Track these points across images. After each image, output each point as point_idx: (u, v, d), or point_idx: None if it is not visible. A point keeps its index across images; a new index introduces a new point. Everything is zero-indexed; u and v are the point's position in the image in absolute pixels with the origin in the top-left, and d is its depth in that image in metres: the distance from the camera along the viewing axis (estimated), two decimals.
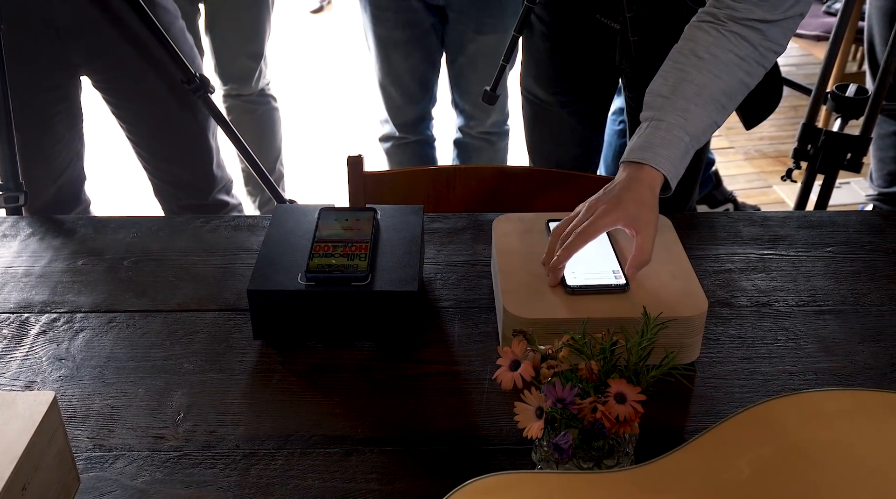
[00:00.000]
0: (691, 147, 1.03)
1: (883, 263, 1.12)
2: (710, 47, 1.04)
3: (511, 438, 0.85)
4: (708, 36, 1.05)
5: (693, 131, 1.02)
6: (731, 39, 1.04)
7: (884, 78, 1.79)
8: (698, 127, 1.03)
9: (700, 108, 1.02)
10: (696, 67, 1.03)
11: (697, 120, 1.02)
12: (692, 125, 1.02)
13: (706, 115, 1.03)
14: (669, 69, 1.06)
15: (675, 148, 1.01)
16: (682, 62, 1.05)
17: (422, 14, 2.03)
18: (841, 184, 2.76)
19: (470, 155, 2.33)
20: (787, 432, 0.75)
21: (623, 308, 0.92)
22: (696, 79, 1.03)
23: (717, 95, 1.03)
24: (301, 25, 4.46)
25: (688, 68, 1.04)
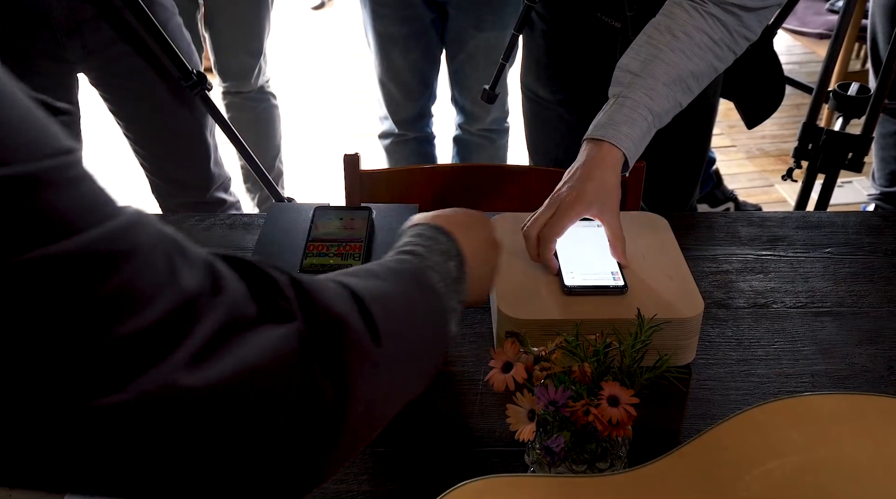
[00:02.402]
0: (653, 126, 1.04)
1: (882, 265, 1.11)
2: (685, 26, 1.04)
3: (504, 440, 0.85)
4: (686, 14, 1.05)
5: (657, 111, 1.02)
6: (708, 21, 1.04)
7: (886, 76, 1.77)
8: (663, 106, 1.03)
9: (667, 87, 1.03)
10: (668, 46, 1.04)
11: (663, 99, 1.03)
12: (657, 104, 1.02)
13: (671, 96, 1.04)
14: (643, 44, 1.06)
15: (637, 126, 1.01)
16: (657, 39, 1.05)
17: (421, 10, 2.02)
18: (843, 183, 2.75)
19: (470, 152, 2.32)
20: (781, 436, 0.75)
21: (618, 310, 0.91)
22: (667, 57, 1.03)
23: (685, 76, 1.04)
24: (302, 22, 4.45)
25: (661, 46, 1.04)
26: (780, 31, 1.82)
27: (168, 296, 0.37)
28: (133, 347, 0.35)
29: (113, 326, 0.34)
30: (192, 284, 0.38)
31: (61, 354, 0.33)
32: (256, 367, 0.40)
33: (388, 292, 0.53)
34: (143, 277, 0.36)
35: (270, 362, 0.40)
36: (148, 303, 0.36)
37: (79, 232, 0.34)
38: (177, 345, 0.36)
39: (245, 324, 0.40)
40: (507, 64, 1.66)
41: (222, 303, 0.39)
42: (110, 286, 0.35)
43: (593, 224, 1.05)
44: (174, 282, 0.37)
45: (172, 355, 0.36)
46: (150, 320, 0.36)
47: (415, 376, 0.57)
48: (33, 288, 0.33)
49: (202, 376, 0.37)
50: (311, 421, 0.43)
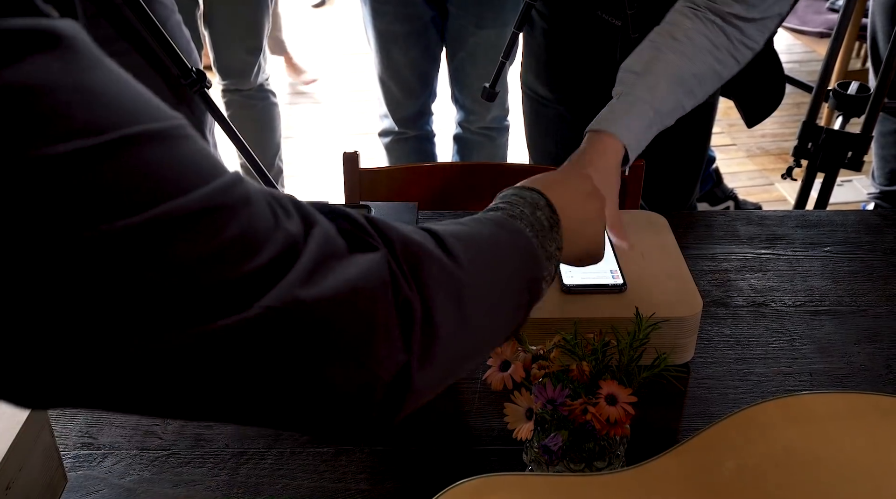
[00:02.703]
0: (655, 123, 1.04)
1: (881, 264, 1.11)
2: (687, 31, 1.06)
3: (502, 438, 0.85)
4: (686, 20, 1.07)
5: (659, 107, 1.04)
6: (708, 26, 1.06)
7: (886, 75, 1.77)
8: (665, 105, 1.04)
9: (669, 85, 1.04)
10: (670, 48, 1.05)
11: (664, 97, 1.04)
12: (659, 101, 1.03)
13: (673, 95, 1.05)
14: (645, 48, 1.08)
15: (638, 119, 1.02)
16: (658, 42, 1.07)
17: (421, 8, 2.02)
18: (843, 182, 2.75)
19: (470, 150, 2.32)
20: (779, 435, 0.75)
21: (617, 308, 0.91)
22: (668, 58, 1.05)
23: (686, 77, 1.05)
24: (303, 20, 4.45)
25: (662, 48, 1.06)
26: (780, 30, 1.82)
27: (278, 238, 0.42)
28: (255, 279, 0.40)
29: (238, 266, 0.40)
30: (292, 226, 0.44)
31: (195, 289, 0.38)
32: (356, 285, 0.45)
33: (466, 230, 0.58)
34: (258, 223, 0.41)
35: (367, 281, 0.46)
36: (263, 244, 0.41)
37: (198, 187, 0.39)
38: (289, 270, 0.42)
39: (339, 254, 0.46)
40: (507, 62, 1.66)
41: (318, 235, 0.45)
42: (232, 232, 0.40)
43: None
44: (280, 226, 0.43)
45: (286, 278, 0.41)
46: (267, 259, 0.41)
47: (503, 309, 0.60)
48: (165, 239, 0.37)
49: (314, 291, 0.42)
50: (406, 334, 0.47)
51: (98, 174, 0.35)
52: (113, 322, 0.37)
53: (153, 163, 0.37)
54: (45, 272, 0.35)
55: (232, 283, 0.39)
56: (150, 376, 0.39)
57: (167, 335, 0.38)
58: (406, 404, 0.49)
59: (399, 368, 0.47)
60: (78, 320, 0.36)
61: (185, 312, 0.38)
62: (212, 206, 0.39)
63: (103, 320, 0.36)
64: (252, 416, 0.45)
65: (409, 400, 0.49)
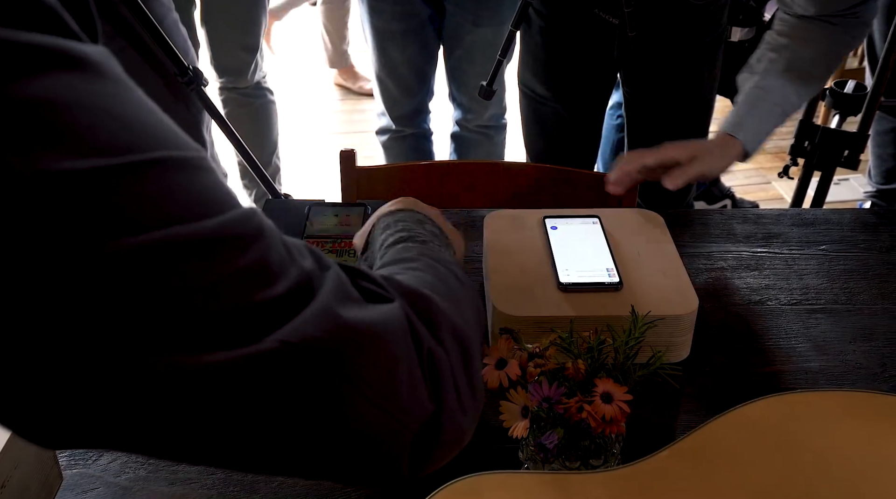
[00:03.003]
0: (775, 114, 1.17)
1: (876, 262, 1.11)
2: (793, 27, 1.19)
3: (498, 436, 0.85)
4: (791, 17, 1.19)
5: (778, 100, 1.16)
6: (814, 23, 1.18)
7: (882, 74, 1.77)
8: (781, 96, 1.16)
9: (782, 79, 1.17)
10: (778, 45, 1.18)
11: (779, 90, 1.16)
12: (776, 96, 1.16)
13: (790, 85, 1.17)
14: (759, 49, 1.22)
15: (757, 118, 1.16)
16: (770, 42, 1.21)
17: (419, 6, 2.02)
18: (839, 180, 2.75)
19: (467, 149, 2.32)
20: (774, 432, 0.75)
21: (613, 306, 0.91)
22: (775, 55, 1.18)
23: (799, 64, 1.17)
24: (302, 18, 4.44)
25: (773, 47, 1.19)
26: None
27: (292, 272, 0.41)
28: (268, 311, 0.39)
29: (251, 295, 0.39)
30: (307, 264, 0.43)
31: (205, 315, 0.37)
32: (376, 329, 0.44)
33: (430, 280, 0.57)
34: (271, 255, 0.41)
35: (386, 327, 0.44)
36: (278, 277, 0.41)
37: (213, 215, 0.39)
38: (305, 306, 0.41)
39: (354, 299, 0.45)
40: (504, 60, 1.66)
41: (333, 277, 0.44)
42: (246, 262, 0.39)
43: (589, 221, 1.05)
44: (294, 261, 0.42)
45: (302, 313, 0.40)
46: (282, 290, 0.40)
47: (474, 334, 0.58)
48: (175, 262, 0.36)
49: (338, 322, 0.41)
50: (434, 384, 0.46)
51: (112, 194, 0.35)
52: (120, 343, 0.36)
53: (169, 187, 0.37)
54: (50, 288, 0.34)
55: (244, 311, 0.38)
56: (160, 406, 0.38)
57: (176, 360, 0.37)
58: (434, 455, 0.47)
59: (427, 418, 0.45)
60: (81, 342, 0.35)
61: (195, 339, 0.37)
62: (225, 234, 0.39)
63: (109, 340, 0.35)
64: (269, 462, 0.42)
65: (438, 451, 0.47)
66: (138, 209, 0.36)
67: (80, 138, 0.35)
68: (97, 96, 0.36)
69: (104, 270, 0.35)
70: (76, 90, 0.35)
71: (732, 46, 1.69)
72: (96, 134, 0.35)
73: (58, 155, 0.34)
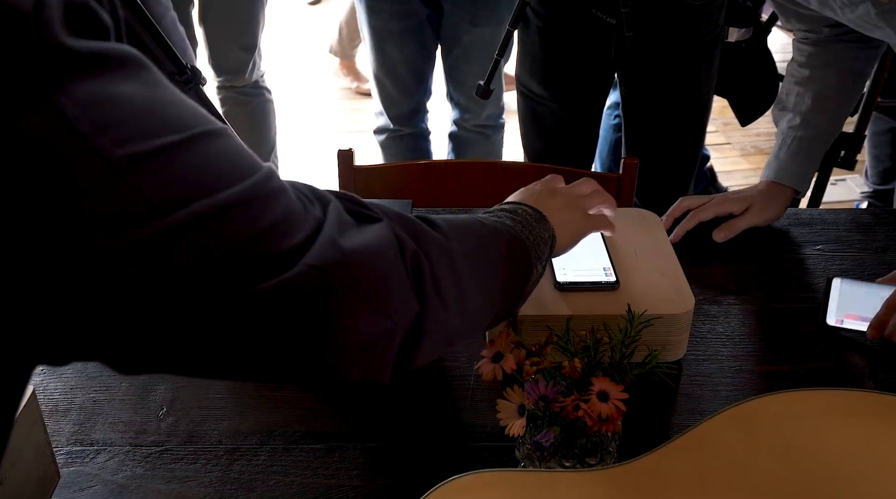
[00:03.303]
0: (816, 149, 1.21)
1: (872, 262, 1.11)
2: (811, 56, 1.21)
3: (495, 435, 0.85)
4: (808, 47, 1.21)
5: (810, 135, 1.19)
6: (830, 45, 1.19)
7: (878, 75, 1.78)
8: (814, 130, 1.20)
9: (814, 113, 1.19)
10: (802, 77, 1.21)
11: (812, 123, 1.19)
12: (809, 131, 1.19)
13: (824, 115, 1.20)
14: (784, 86, 1.24)
15: (795, 159, 1.20)
16: (794, 75, 1.22)
17: (417, 5, 2.02)
18: (836, 181, 2.75)
19: (465, 148, 2.32)
20: (770, 430, 0.75)
21: (609, 305, 0.91)
22: (802, 88, 1.20)
23: (828, 94, 1.19)
24: (299, 17, 4.45)
25: (799, 81, 1.21)
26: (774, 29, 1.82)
27: (309, 220, 0.50)
28: (295, 252, 0.48)
29: (282, 242, 0.47)
30: (317, 211, 0.52)
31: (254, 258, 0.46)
32: (371, 246, 0.53)
33: (447, 217, 0.67)
34: (293, 206, 0.50)
35: (379, 243, 0.54)
36: (301, 224, 0.49)
37: (250, 176, 0.47)
38: (316, 238, 0.50)
39: (350, 224, 0.54)
40: (501, 60, 1.66)
41: (334, 210, 0.53)
42: (276, 214, 0.48)
43: None
44: (308, 211, 0.51)
45: (317, 241, 0.50)
46: (303, 237, 0.49)
47: (493, 281, 0.69)
48: (232, 219, 0.45)
49: (342, 250, 0.51)
50: (417, 286, 0.56)
51: (177, 166, 0.42)
52: (201, 285, 0.44)
53: (216, 156, 0.45)
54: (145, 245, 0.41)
55: (280, 255, 0.47)
56: (216, 336, 0.46)
57: (234, 296, 0.45)
58: (419, 349, 0.57)
59: (414, 316, 0.56)
60: (161, 289, 0.43)
61: (248, 277, 0.46)
62: (262, 193, 0.47)
63: (184, 287, 0.43)
64: (292, 370, 0.52)
65: (421, 345, 0.57)
66: (197, 178, 0.44)
67: (139, 124, 0.41)
68: (145, 87, 0.43)
69: (183, 231, 0.42)
70: (130, 84, 0.42)
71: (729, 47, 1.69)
72: (152, 118, 0.42)
73: (127, 142, 0.40)
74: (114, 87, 0.40)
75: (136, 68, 0.43)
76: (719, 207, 1.16)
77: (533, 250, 0.74)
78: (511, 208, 0.78)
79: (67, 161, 0.38)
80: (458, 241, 0.63)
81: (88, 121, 0.39)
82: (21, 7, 0.37)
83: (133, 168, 0.40)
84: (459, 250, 0.63)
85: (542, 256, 0.76)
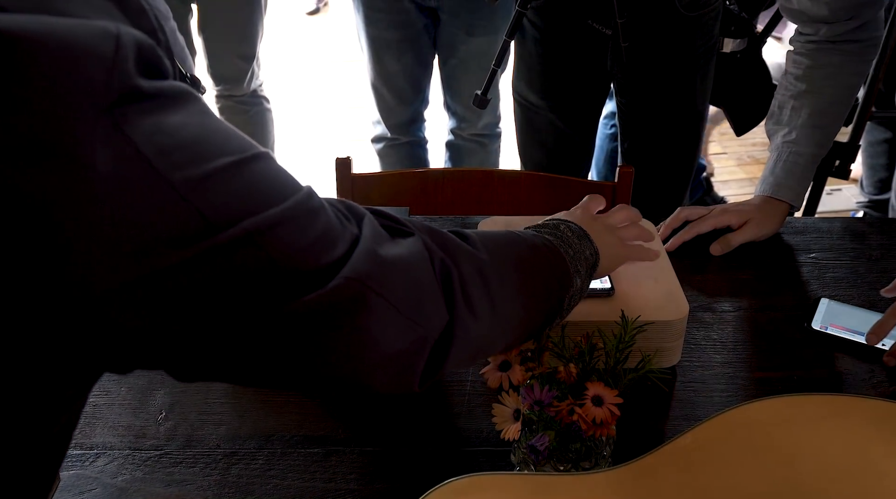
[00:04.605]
0: (810, 162, 1.21)
1: (866, 270, 1.12)
2: (807, 68, 1.22)
3: (491, 440, 0.86)
4: (804, 59, 1.22)
5: (804, 150, 1.21)
6: (824, 54, 1.20)
7: (873, 85, 1.79)
8: (810, 145, 1.21)
9: (810, 127, 1.21)
10: (797, 90, 1.22)
11: (807, 138, 1.21)
12: (803, 145, 1.21)
13: (819, 130, 1.21)
14: (778, 99, 1.25)
15: (790, 174, 1.20)
16: (790, 90, 1.23)
17: (414, 15, 2.04)
18: (832, 191, 2.77)
19: (462, 157, 2.33)
20: (763, 435, 0.76)
21: (604, 312, 0.92)
22: (801, 102, 1.21)
23: (824, 108, 1.21)
24: (297, 27, 4.46)
25: (795, 95, 1.22)
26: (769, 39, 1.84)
27: (346, 236, 0.53)
28: (334, 267, 0.51)
29: (322, 257, 0.51)
30: (353, 227, 0.55)
31: (297, 273, 0.49)
32: (405, 258, 0.56)
33: (480, 232, 0.70)
34: (332, 223, 0.53)
35: (412, 256, 0.57)
36: (338, 240, 0.52)
37: (293, 194, 0.50)
38: (354, 250, 0.53)
39: (385, 238, 0.57)
40: (498, 69, 1.68)
41: (369, 224, 0.56)
42: (317, 231, 0.51)
43: None
44: (345, 227, 0.54)
45: (354, 255, 0.52)
46: (342, 252, 0.52)
47: (527, 297, 0.70)
48: (279, 235, 0.48)
49: (377, 264, 0.53)
50: (448, 297, 0.59)
51: (228, 187, 0.46)
52: (241, 300, 0.47)
53: (261, 177, 0.49)
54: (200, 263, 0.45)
55: (321, 270, 0.50)
56: (261, 346, 0.49)
57: (279, 309, 0.48)
58: (448, 357, 0.59)
59: (443, 326, 0.58)
60: (215, 301, 0.46)
61: (292, 291, 0.49)
62: (303, 211, 0.50)
63: (235, 300, 0.47)
64: (325, 379, 0.54)
65: (451, 354, 0.59)
66: (250, 196, 0.47)
67: (199, 149, 0.45)
68: (201, 117, 0.47)
69: (236, 246, 0.46)
70: (193, 115, 0.46)
71: (724, 57, 1.70)
72: (209, 145, 0.46)
73: (188, 164, 0.44)
74: (171, 118, 0.44)
75: (187, 101, 0.46)
76: (718, 219, 1.17)
77: (571, 264, 0.75)
78: (553, 224, 0.80)
79: (135, 182, 0.42)
80: (490, 252, 0.66)
81: (152, 147, 0.43)
82: (101, 52, 0.41)
83: (190, 189, 0.44)
84: (490, 261, 0.65)
85: (580, 271, 0.77)
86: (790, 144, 1.21)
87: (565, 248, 0.76)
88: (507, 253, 0.69)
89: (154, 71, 0.45)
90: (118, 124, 0.41)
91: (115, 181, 0.41)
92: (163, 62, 0.46)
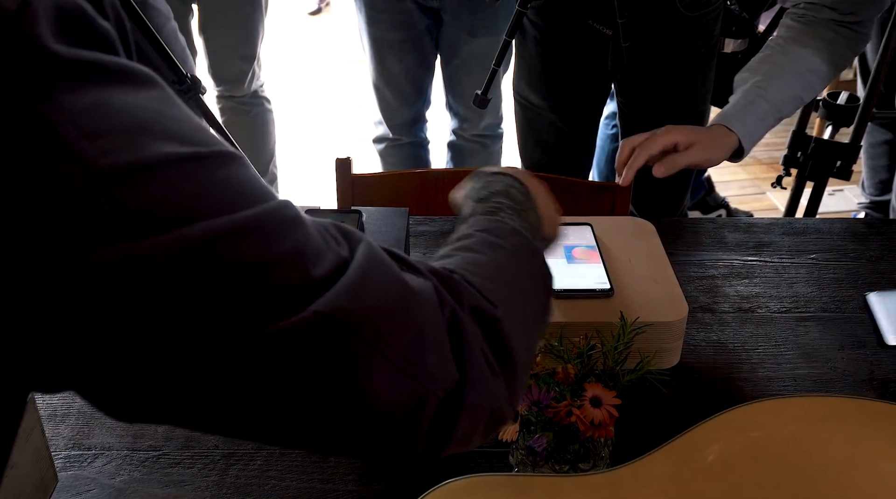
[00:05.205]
0: (771, 114, 1.20)
1: (866, 271, 1.12)
2: (798, 33, 1.22)
3: (489, 441, 0.85)
4: (798, 24, 1.23)
5: (773, 100, 1.19)
6: (819, 29, 1.22)
7: (874, 86, 1.79)
8: (779, 97, 1.20)
9: (783, 81, 1.20)
10: (781, 49, 1.22)
11: (778, 91, 1.20)
12: (772, 95, 1.19)
13: (790, 89, 1.21)
14: (762, 52, 1.26)
15: (752, 114, 1.18)
16: (774, 46, 1.24)
17: (416, 16, 2.04)
18: (834, 191, 2.76)
19: (464, 157, 2.33)
20: (762, 436, 0.76)
21: (603, 313, 0.92)
22: (782, 58, 1.22)
23: (802, 72, 1.21)
24: (299, 27, 4.46)
25: (776, 51, 1.23)
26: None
27: (329, 257, 0.45)
28: (307, 290, 0.43)
29: (292, 277, 0.42)
30: (343, 251, 0.46)
31: (251, 295, 0.41)
32: (406, 299, 0.47)
33: (483, 260, 0.59)
34: (310, 241, 0.44)
35: (416, 298, 0.47)
36: (317, 261, 0.44)
37: (260, 202, 0.43)
38: (339, 279, 0.44)
39: (387, 264, 0.48)
40: (499, 69, 1.67)
41: (364, 249, 0.47)
42: (287, 247, 0.43)
43: (582, 229, 1.06)
44: (331, 248, 0.46)
45: (335, 287, 0.44)
46: (320, 274, 0.44)
47: (534, 326, 0.60)
48: (231, 245, 0.41)
49: (363, 300, 0.44)
50: (458, 353, 0.48)
51: (172, 184, 0.40)
52: (184, 321, 0.40)
53: (224, 179, 0.42)
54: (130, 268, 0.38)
55: (291, 291, 0.42)
56: (213, 383, 0.41)
57: (231, 338, 0.41)
58: (458, 424, 0.48)
59: (451, 386, 0.47)
60: (148, 318, 0.39)
61: (245, 316, 0.41)
62: (274, 221, 0.43)
63: (176, 319, 0.40)
64: (302, 434, 0.46)
65: (461, 421, 0.48)
66: (204, 196, 0.41)
67: (145, 137, 0.40)
68: (164, 104, 0.42)
69: (180, 252, 0.39)
70: (153, 100, 0.41)
71: (726, 57, 1.70)
72: (161, 133, 0.40)
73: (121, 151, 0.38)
74: (108, 97, 0.39)
75: (139, 83, 0.41)
76: (664, 138, 1.14)
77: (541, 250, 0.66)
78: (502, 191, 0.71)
79: (50, 167, 0.37)
80: (502, 301, 0.54)
81: (74, 128, 0.37)
82: (4, 6, 0.35)
83: (119, 180, 0.38)
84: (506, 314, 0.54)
85: None
86: (761, 89, 1.20)
87: (530, 232, 0.66)
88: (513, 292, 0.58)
89: (86, 40, 0.39)
90: (31, 98, 0.36)
91: (28, 163, 0.36)
92: (99, 32, 0.40)
